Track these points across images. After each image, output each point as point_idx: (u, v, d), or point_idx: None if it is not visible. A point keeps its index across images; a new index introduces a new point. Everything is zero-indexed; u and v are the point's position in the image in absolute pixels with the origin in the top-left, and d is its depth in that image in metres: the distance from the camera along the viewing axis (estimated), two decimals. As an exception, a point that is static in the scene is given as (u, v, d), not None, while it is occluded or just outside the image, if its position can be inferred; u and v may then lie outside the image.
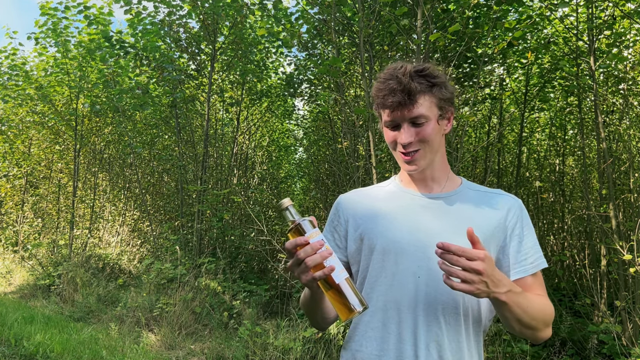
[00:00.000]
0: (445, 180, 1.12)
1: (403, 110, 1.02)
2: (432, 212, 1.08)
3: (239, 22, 5.64)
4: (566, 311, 4.21)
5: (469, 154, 5.07)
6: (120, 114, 6.60)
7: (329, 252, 0.90)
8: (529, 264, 1.05)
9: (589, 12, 3.88)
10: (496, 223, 1.06)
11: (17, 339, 4.18)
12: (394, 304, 1.03)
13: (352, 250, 1.13)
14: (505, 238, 1.06)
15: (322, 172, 6.92)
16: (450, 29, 3.12)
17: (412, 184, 1.13)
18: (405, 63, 1.05)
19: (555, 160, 5.94)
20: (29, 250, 7.14)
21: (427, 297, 1.01)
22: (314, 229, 0.93)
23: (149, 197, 8.09)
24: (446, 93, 1.05)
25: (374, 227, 1.09)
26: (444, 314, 1.01)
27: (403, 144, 1.03)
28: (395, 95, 1.00)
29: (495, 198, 1.11)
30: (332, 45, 4.78)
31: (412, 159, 1.05)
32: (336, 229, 1.17)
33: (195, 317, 4.74)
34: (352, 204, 1.17)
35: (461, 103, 4.67)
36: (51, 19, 6.27)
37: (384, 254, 1.05)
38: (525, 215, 1.09)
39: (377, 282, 1.05)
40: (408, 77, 1.01)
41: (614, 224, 3.61)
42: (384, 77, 1.04)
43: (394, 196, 1.14)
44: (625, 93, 4.04)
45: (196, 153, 6.44)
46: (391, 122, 1.06)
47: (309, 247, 0.89)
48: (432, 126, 1.04)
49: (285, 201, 0.95)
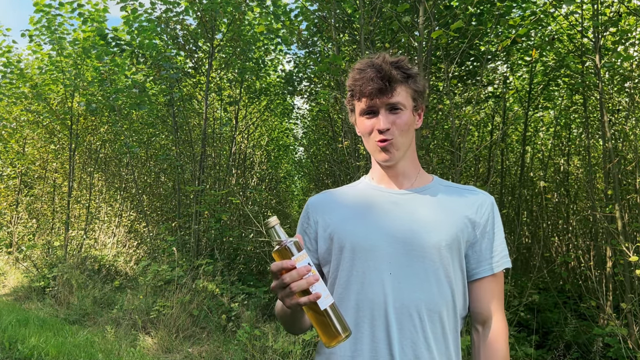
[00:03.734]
0: (415, 176, 1.12)
1: (382, 97, 1.02)
2: (402, 207, 1.07)
3: (238, 18, 5.58)
4: (571, 314, 4.17)
5: (472, 153, 5.02)
6: (117, 112, 6.52)
7: (315, 278, 0.88)
8: (495, 262, 1.06)
9: (594, 8, 3.84)
10: (467, 218, 1.06)
11: (12, 342, 4.13)
12: (366, 303, 1.01)
13: (323, 250, 1.11)
14: (475, 234, 1.06)
15: (322, 172, 6.88)
16: (452, 26, 3.07)
17: (383, 180, 1.13)
18: (381, 53, 1.06)
19: (560, 160, 5.90)
20: (24, 252, 7.06)
21: (399, 295, 1.00)
22: (301, 252, 0.91)
23: (145, 197, 8.03)
24: (419, 86, 1.07)
25: (343, 225, 1.08)
26: (417, 311, 0.99)
27: (381, 129, 1.03)
28: (375, 83, 1.01)
29: (466, 193, 1.11)
30: (332, 43, 4.72)
31: (387, 145, 1.04)
32: (306, 232, 1.16)
33: (192, 320, 4.70)
34: (321, 205, 1.16)
35: (464, 102, 4.61)
36: (46, 16, 6.18)
37: (354, 253, 1.04)
38: (496, 213, 1.10)
39: (349, 281, 1.04)
40: (388, 65, 1.02)
41: (619, 225, 3.58)
42: (360, 67, 1.05)
43: (364, 194, 1.14)
44: (631, 91, 3.99)
45: (194, 153, 6.37)
46: (368, 109, 1.05)
47: (295, 272, 0.87)
48: (408, 115, 1.05)
49: (272, 220, 0.93)
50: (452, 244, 1.02)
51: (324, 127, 6.41)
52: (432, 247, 1.01)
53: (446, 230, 1.03)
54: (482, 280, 1.06)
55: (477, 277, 1.06)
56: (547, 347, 3.91)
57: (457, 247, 1.03)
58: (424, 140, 3.95)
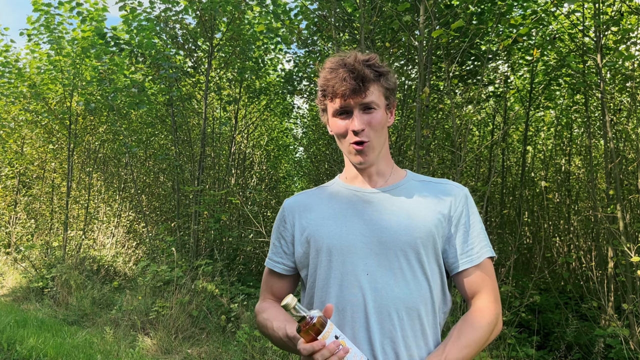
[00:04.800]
0: (389, 174, 1.12)
1: (356, 97, 1.01)
2: (375, 206, 1.07)
3: (237, 17, 5.56)
4: (572, 314, 4.15)
5: (473, 153, 5.00)
6: (115, 112, 6.50)
7: (345, 351, 0.90)
8: (475, 253, 1.06)
9: (595, 7, 3.82)
10: (441, 212, 1.06)
11: (10, 343, 4.11)
12: (346, 305, 1.02)
13: (300, 254, 1.11)
14: (450, 228, 1.06)
15: (322, 171, 6.85)
16: (453, 25, 3.06)
17: (356, 180, 1.12)
18: (353, 52, 1.05)
19: (561, 160, 5.89)
20: (22, 252, 7.03)
21: (377, 295, 1.00)
22: (328, 326, 0.91)
23: (144, 197, 8.01)
24: (391, 83, 1.06)
25: (318, 228, 1.08)
26: (396, 310, 1.00)
27: (356, 130, 1.02)
28: (348, 82, 1.00)
29: (439, 187, 1.11)
30: (333, 42, 4.70)
31: (364, 149, 1.04)
32: (282, 235, 1.16)
33: (192, 321, 4.68)
34: (296, 207, 1.16)
35: (465, 101, 4.59)
36: (44, 15, 6.15)
37: (331, 255, 1.04)
38: (470, 204, 1.09)
39: (328, 284, 1.04)
40: (361, 65, 1.01)
41: (621, 226, 3.56)
42: (331, 67, 1.04)
43: (338, 194, 1.13)
44: (632, 91, 3.98)
45: (193, 152, 6.35)
46: (342, 110, 1.04)
47: (326, 350, 0.88)
48: (382, 114, 1.05)
49: (290, 301, 0.92)
50: (426, 240, 1.03)
51: (323, 127, 6.39)
52: (406, 244, 1.01)
53: (420, 227, 1.03)
54: (464, 273, 1.06)
55: (458, 271, 1.06)
56: (549, 348, 3.90)
57: (432, 243, 1.03)
58: (425, 140, 3.93)
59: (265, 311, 1.15)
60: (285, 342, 1.05)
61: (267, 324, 1.11)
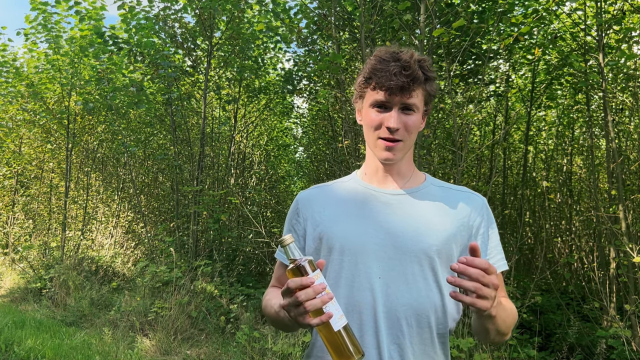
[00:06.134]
0: (409, 176, 1.10)
1: (402, 95, 0.99)
2: (394, 209, 1.05)
3: (237, 16, 5.53)
4: (574, 315, 4.13)
5: (474, 153, 4.98)
6: (114, 112, 6.47)
7: (329, 297, 0.87)
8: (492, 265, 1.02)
9: (597, 6, 3.80)
10: (460, 221, 1.04)
11: (8, 344, 4.11)
12: (355, 307, 1.00)
13: (311, 250, 1.09)
14: (469, 237, 1.05)
15: (322, 171, 6.84)
16: (454, 24, 3.04)
17: (374, 178, 1.10)
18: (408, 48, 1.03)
19: (563, 160, 5.87)
20: (20, 253, 7.00)
21: (387, 299, 0.99)
22: (316, 271, 0.89)
23: (143, 197, 7.98)
24: (434, 90, 1.05)
25: (332, 226, 1.06)
26: (405, 317, 0.98)
27: (392, 127, 1.00)
28: (399, 79, 0.97)
29: (459, 195, 1.09)
30: (332, 41, 4.68)
31: (393, 146, 1.02)
32: (294, 228, 1.14)
33: (191, 322, 4.67)
34: (311, 202, 1.13)
35: (466, 100, 4.57)
36: (42, 14, 6.12)
37: (343, 254, 1.02)
38: (489, 215, 1.09)
39: (338, 284, 1.02)
40: (416, 64, 0.99)
41: (623, 226, 3.55)
42: (384, 57, 1.01)
43: (354, 192, 1.11)
44: (635, 90, 3.96)
45: (192, 152, 6.32)
46: (382, 103, 1.02)
47: (311, 289, 0.85)
48: (418, 118, 1.03)
49: (287, 238, 0.91)
50: (442, 248, 1.01)
51: (323, 127, 6.37)
52: (421, 251, 1.00)
53: (437, 234, 1.01)
54: None
55: None
56: (550, 349, 3.88)
57: (448, 252, 1.02)
58: (425, 140, 3.90)
59: (269, 294, 1.15)
60: (279, 315, 1.02)
61: (268, 304, 1.10)
